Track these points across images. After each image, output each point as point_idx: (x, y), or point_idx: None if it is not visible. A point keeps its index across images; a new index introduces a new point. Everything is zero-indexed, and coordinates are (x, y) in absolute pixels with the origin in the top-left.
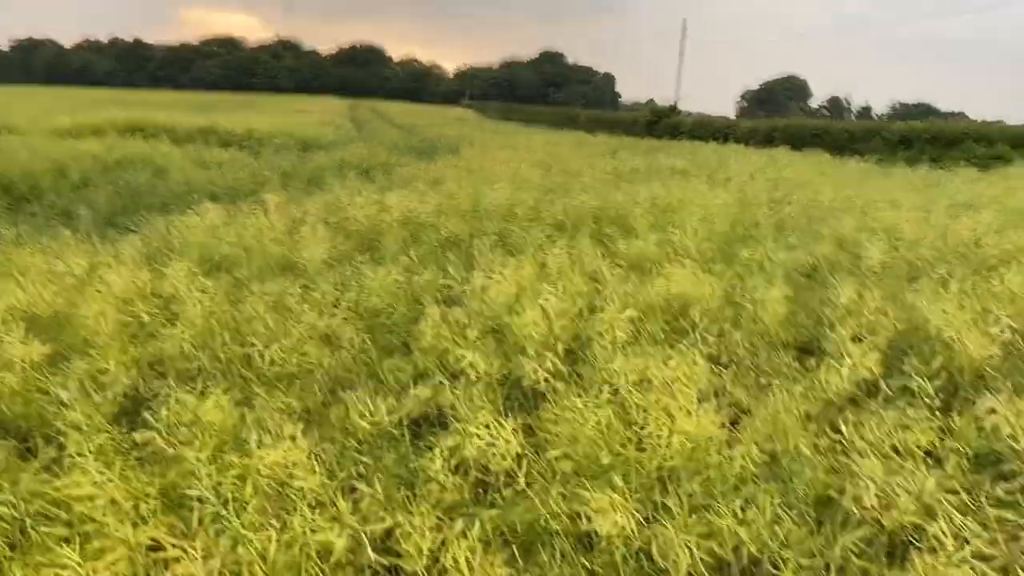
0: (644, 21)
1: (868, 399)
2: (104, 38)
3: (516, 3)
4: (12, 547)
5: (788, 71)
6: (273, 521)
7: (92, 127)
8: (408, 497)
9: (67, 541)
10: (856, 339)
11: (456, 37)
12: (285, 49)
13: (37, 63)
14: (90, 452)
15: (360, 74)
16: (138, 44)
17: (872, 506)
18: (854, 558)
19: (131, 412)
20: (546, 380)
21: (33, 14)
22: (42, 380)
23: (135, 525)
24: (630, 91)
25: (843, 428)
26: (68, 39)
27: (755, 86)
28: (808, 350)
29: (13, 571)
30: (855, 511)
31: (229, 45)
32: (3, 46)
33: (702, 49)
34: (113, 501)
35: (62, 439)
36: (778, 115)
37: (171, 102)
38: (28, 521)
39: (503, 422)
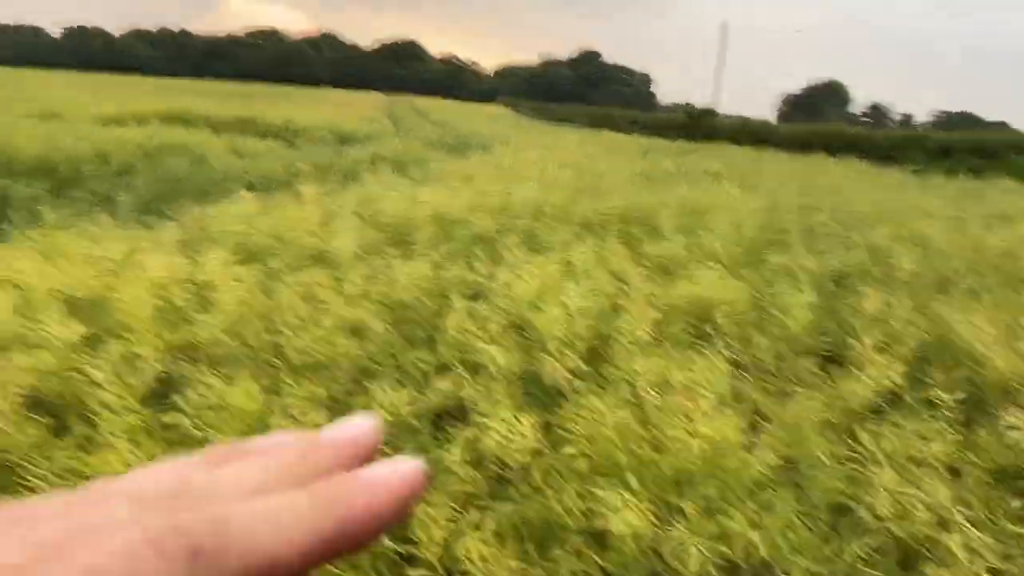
0: (684, 21)
1: (890, 409)
2: (152, 27)
3: (556, 1)
4: None
5: (830, 76)
6: None
7: (135, 115)
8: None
9: None
10: (881, 348)
11: (495, 34)
12: (325, 42)
13: (86, 51)
14: (121, 432)
15: (398, 69)
16: (183, 34)
17: (886, 516)
18: (864, 566)
19: (162, 394)
20: (566, 378)
21: (84, 1)
22: (78, 360)
23: None
24: (668, 92)
25: (862, 437)
26: (117, 27)
27: (795, 90)
28: (833, 358)
29: None
30: (869, 520)
31: (271, 36)
32: (55, 33)
33: (742, 52)
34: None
35: (95, 418)
36: (818, 120)
37: (213, 91)
38: (49, 483)
39: (520, 417)
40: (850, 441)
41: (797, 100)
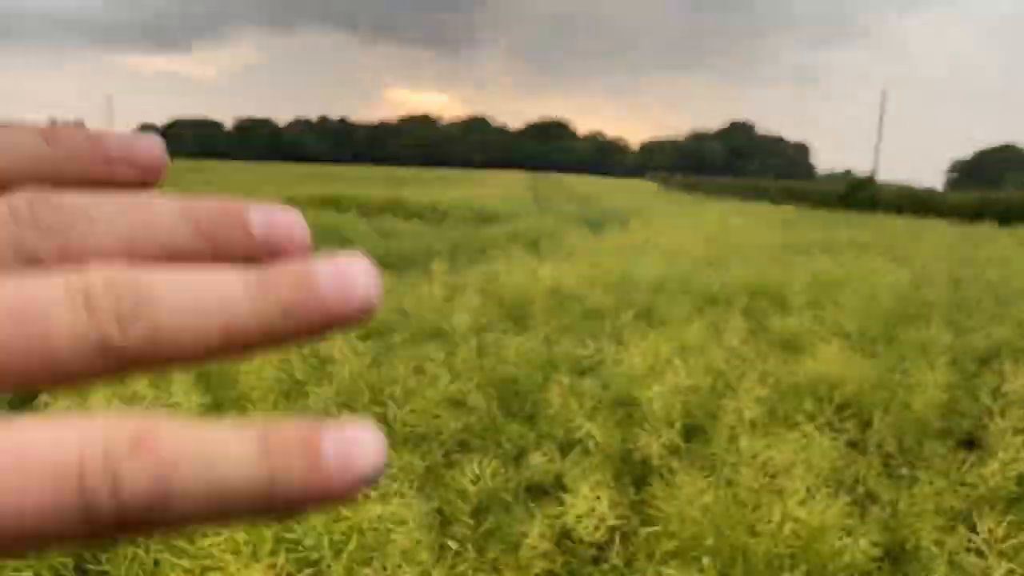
0: (841, 88)
1: None
2: (314, 117)
3: (705, 74)
4: (150, 574)
5: (1006, 139)
6: (368, 571)
7: (291, 200)
8: (503, 563)
9: (190, 572)
10: (1021, 431)
11: (643, 110)
12: (475, 125)
13: (255, 141)
14: None
15: (546, 148)
16: (343, 122)
17: None
18: None
19: None
20: (661, 456)
21: (255, 95)
22: None
23: (247, 565)
24: (826, 161)
25: (982, 527)
26: (283, 118)
27: (967, 155)
28: (968, 442)
29: None
30: None
31: (424, 122)
32: (228, 126)
33: (907, 117)
34: (236, 542)
35: None
36: (994, 187)
37: (367, 176)
38: (164, 556)
39: (601, 494)
40: (970, 532)
41: (968, 166)
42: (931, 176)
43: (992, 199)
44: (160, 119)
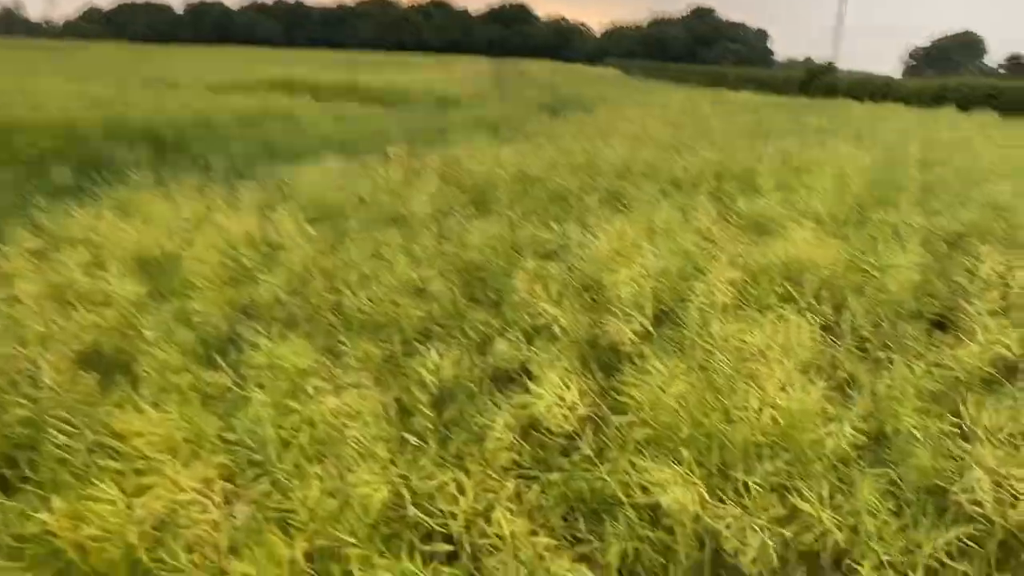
0: None
1: (1003, 380)
2: (269, 0)
3: None
4: (77, 477)
5: (964, 27)
6: (319, 470)
7: (243, 84)
8: (467, 455)
9: (121, 475)
10: (996, 313)
11: None
12: (436, 9)
13: (206, 24)
14: (160, 391)
15: (506, 33)
16: (299, 5)
17: (985, 501)
18: (957, 558)
19: (216, 353)
20: (631, 341)
21: None
22: (137, 318)
23: (186, 465)
24: (786, 48)
25: (964, 411)
26: (236, 1)
27: (924, 43)
28: (942, 324)
29: (61, 501)
30: (965, 505)
31: (383, 5)
32: (178, 9)
33: (869, 3)
34: (173, 441)
35: (142, 376)
36: (951, 74)
37: (321, 60)
38: (94, 454)
39: (570, 382)
40: (951, 415)
41: (927, 54)
42: (890, 66)
43: (952, 85)
44: (107, 2)
